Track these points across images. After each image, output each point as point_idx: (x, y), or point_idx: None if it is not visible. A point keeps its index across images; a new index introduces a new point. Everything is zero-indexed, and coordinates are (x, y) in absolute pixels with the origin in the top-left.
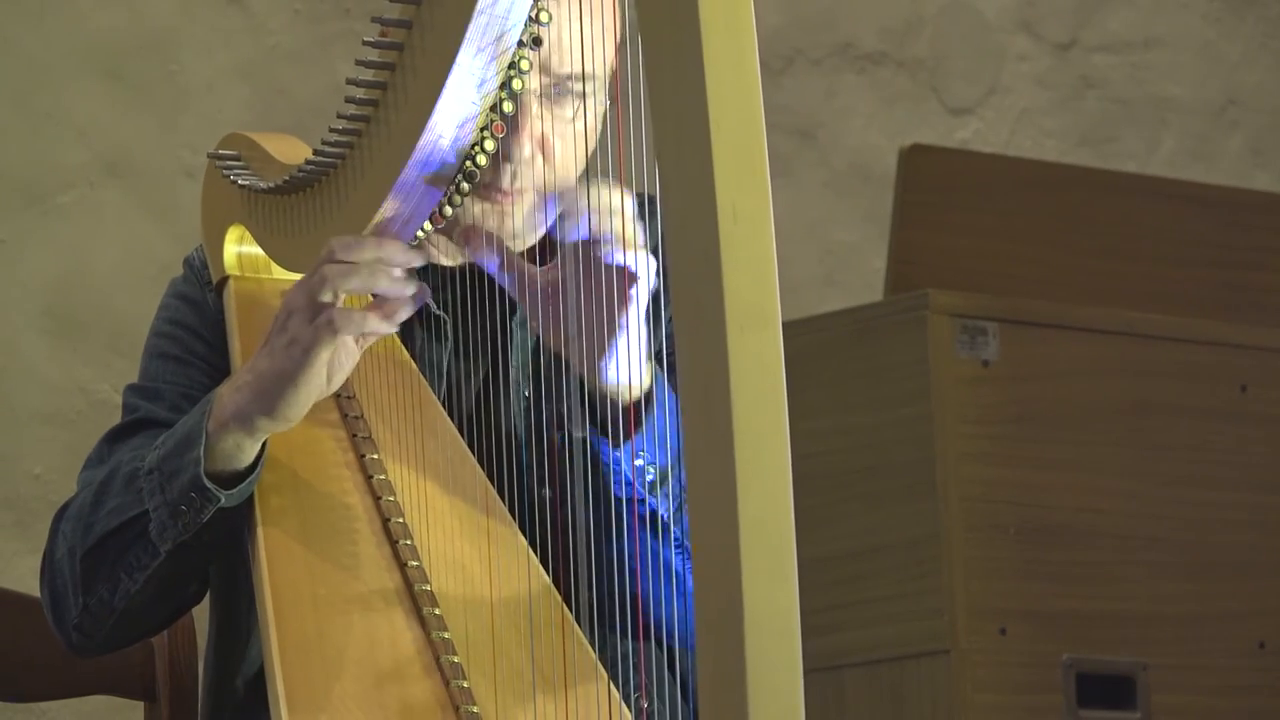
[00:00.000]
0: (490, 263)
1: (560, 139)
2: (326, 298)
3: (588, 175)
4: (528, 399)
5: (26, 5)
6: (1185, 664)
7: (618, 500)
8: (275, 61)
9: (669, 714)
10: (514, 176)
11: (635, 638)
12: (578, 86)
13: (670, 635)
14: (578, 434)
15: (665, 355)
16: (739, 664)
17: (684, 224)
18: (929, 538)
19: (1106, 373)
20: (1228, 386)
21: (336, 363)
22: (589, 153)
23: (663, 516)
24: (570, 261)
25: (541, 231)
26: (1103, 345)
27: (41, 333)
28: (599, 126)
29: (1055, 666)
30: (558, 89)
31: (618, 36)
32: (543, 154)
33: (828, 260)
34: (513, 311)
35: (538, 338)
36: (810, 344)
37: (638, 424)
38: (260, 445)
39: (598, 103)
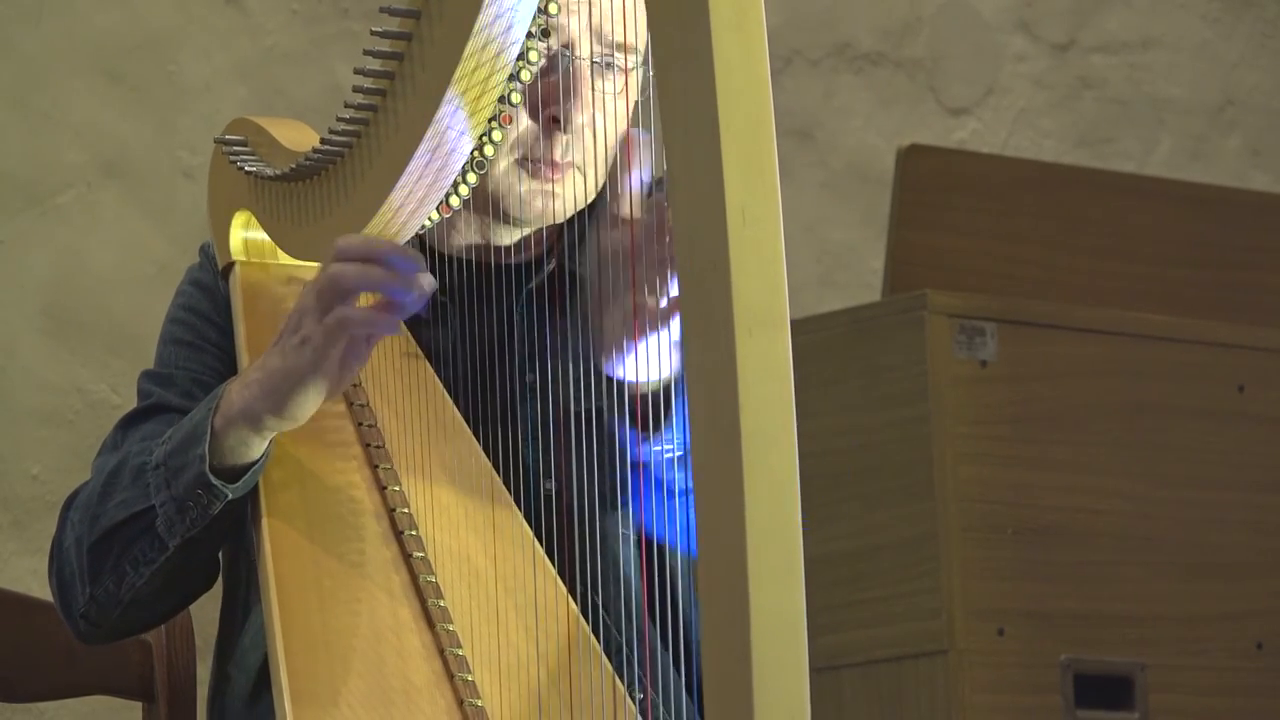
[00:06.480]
0: None
1: (603, 113)
2: (337, 298)
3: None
4: (532, 382)
5: (25, 6)
6: (1183, 664)
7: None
8: (273, 62)
9: (674, 708)
10: (566, 148)
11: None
12: (622, 59)
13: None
14: (581, 408)
15: None
16: (745, 668)
17: (693, 226)
18: (927, 538)
19: (1104, 373)
20: (1225, 387)
21: (346, 362)
22: (619, 134)
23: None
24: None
25: (572, 211)
26: (1101, 345)
27: (39, 333)
28: (631, 110)
29: (1053, 667)
30: (606, 59)
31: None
32: (592, 128)
33: (825, 260)
34: (516, 297)
35: (543, 323)
36: (808, 344)
37: (666, 414)
38: (267, 442)
39: (638, 79)
